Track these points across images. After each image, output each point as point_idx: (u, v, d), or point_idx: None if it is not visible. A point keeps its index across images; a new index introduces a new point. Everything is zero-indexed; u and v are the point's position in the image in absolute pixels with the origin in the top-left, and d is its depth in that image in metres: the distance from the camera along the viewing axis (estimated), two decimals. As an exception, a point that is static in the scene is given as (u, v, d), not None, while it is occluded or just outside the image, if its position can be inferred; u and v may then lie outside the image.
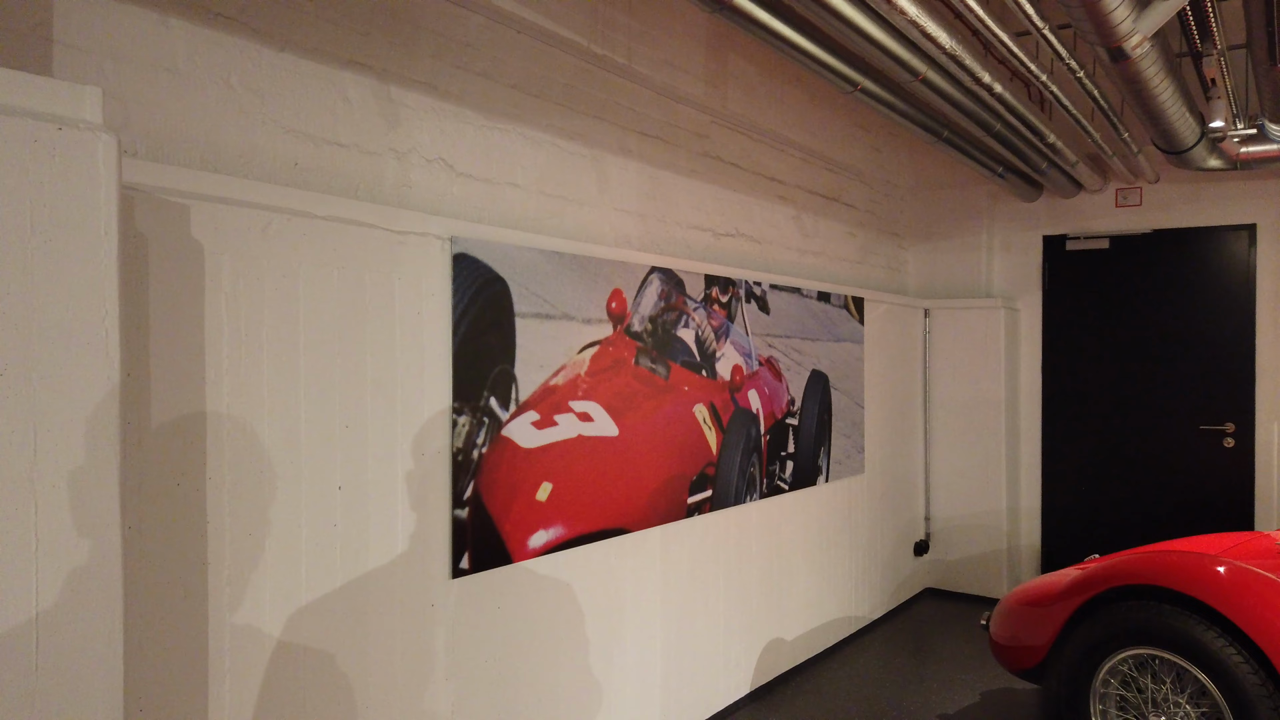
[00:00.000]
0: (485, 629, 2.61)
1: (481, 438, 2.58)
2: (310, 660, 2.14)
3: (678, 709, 3.44)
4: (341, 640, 2.21)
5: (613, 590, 3.11)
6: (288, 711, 2.09)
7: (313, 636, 2.15)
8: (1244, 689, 2.56)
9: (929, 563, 5.70)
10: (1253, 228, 5.06)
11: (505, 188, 2.90)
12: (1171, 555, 2.82)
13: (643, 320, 3.23)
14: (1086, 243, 5.53)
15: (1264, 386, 5.03)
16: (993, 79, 3.41)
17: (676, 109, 3.71)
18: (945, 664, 4.34)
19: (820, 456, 4.45)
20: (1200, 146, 4.15)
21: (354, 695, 2.25)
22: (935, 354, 5.67)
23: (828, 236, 4.97)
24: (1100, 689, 2.94)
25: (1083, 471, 5.56)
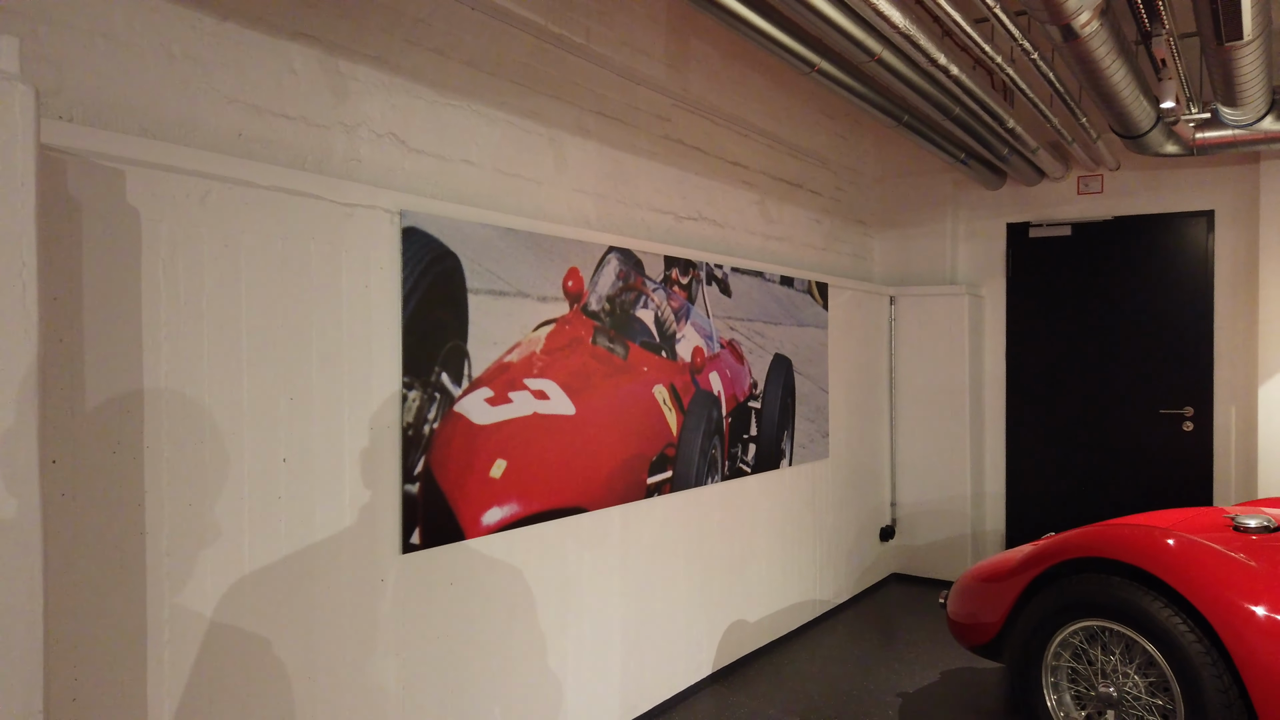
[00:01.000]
0: (436, 605, 2.60)
1: (433, 413, 2.57)
2: (254, 633, 2.13)
3: (638, 689, 3.44)
4: (287, 613, 2.20)
5: (570, 569, 3.10)
6: (229, 684, 2.08)
7: (256, 609, 2.13)
8: (1189, 657, 2.59)
9: (895, 548, 5.73)
10: (1211, 214, 5.12)
11: (459, 165, 2.89)
12: (1121, 529, 2.86)
13: (600, 300, 3.23)
14: (1049, 230, 5.58)
15: (1221, 371, 5.10)
16: (949, 61, 3.44)
17: (637, 91, 3.71)
18: (908, 646, 4.37)
19: (783, 440, 4.46)
20: (1156, 131, 4.20)
21: (299, 669, 2.23)
22: (901, 340, 5.70)
23: (792, 222, 4.99)
24: (1052, 662, 2.97)
25: (1046, 456, 5.61)
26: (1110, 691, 2.83)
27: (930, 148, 4.85)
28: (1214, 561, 2.63)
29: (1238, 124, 4.09)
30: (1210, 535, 2.90)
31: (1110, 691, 2.83)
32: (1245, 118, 3.95)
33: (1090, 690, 2.90)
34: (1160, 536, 2.76)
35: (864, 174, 5.89)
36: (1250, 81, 3.43)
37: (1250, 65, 3.24)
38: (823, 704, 3.63)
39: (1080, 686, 2.94)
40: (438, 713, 2.60)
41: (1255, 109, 3.84)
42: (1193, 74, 4.51)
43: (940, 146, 4.88)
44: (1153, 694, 2.75)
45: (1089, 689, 2.90)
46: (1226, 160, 5.03)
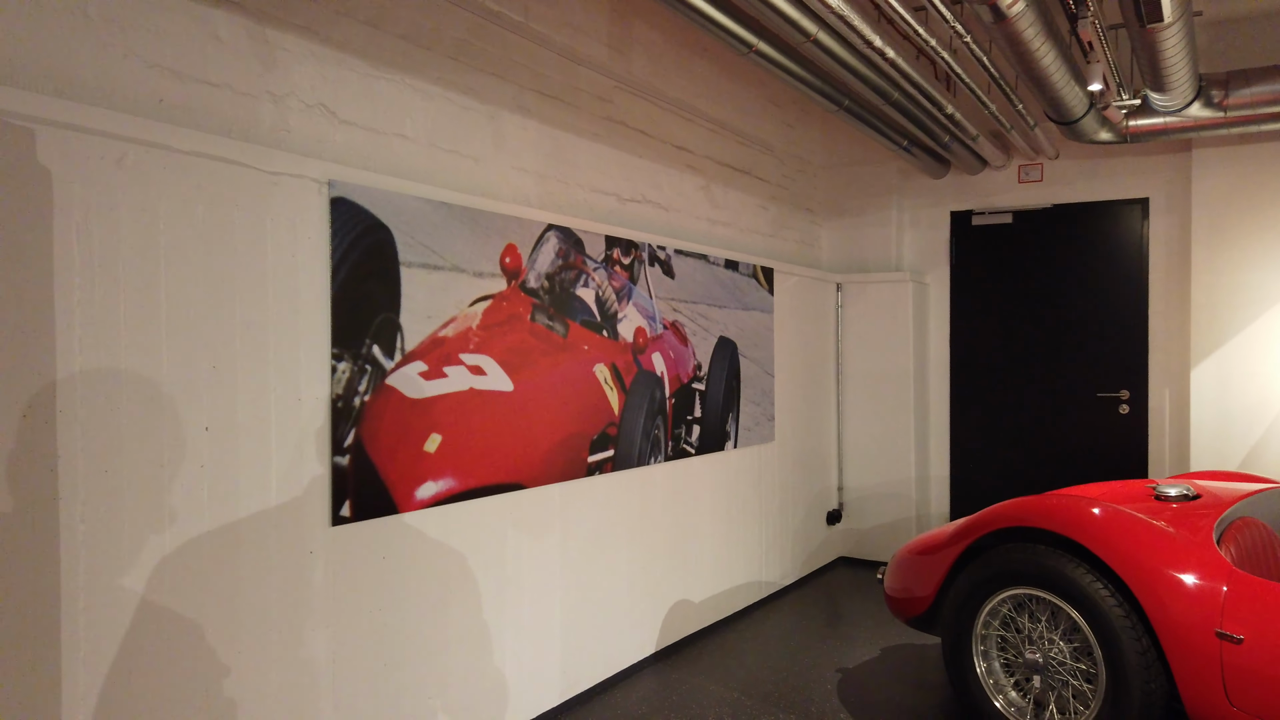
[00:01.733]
0: (369, 578, 2.58)
1: (364, 385, 2.55)
2: (175, 607, 2.10)
3: (579, 666, 3.45)
4: (211, 586, 2.17)
5: (509, 545, 3.10)
6: (149, 660, 2.05)
7: (178, 580, 2.10)
8: (1110, 622, 2.66)
9: (842, 531, 5.80)
10: (1146, 202, 5.25)
11: (393, 138, 2.87)
12: (1047, 499, 2.92)
13: (539, 277, 3.23)
14: (991, 218, 5.68)
15: (1156, 355, 5.23)
16: (884, 43, 3.48)
17: (578, 71, 3.71)
18: (851, 625, 4.43)
19: (728, 422, 4.50)
20: (1090, 118, 4.29)
21: (224, 644, 2.21)
22: (848, 327, 5.77)
23: (739, 208, 5.02)
24: (982, 631, 3.03)
25: (989, 439, 5.71)
26: (1036, 658, 2.89)
27: (873, 134, 4.91)
28: (1134, 528, 2.70)
29: (1167, 110, 4.19)
30: (1133, 505, 2.97)
31: (1036, 658, 2.89)
32: (1173, 103, 4.05)
33: (1018, 657, 2.96)
34: (1084, 505, 2.83)
35: (811, 162, 5.95)
36: (1175, 66, 3.52)
37: (1174, 49, 3.32)
38: (763, 679, 3.67)
39: (1009, 654, 3.01)
40: (370, 687, 2.59)
41: (1183, 95, 3.94)
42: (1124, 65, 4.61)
43: (883, 133, 4.94)
44: (1077, 659, 2.82)
45: (1017, 656, 2.96)
46: (1160, 149, 5.16)
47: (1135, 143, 4.72)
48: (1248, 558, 2.67)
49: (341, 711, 2.50)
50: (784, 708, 3.39)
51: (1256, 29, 4.71)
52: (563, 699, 3.37)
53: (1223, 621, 2.45)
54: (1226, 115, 4.20)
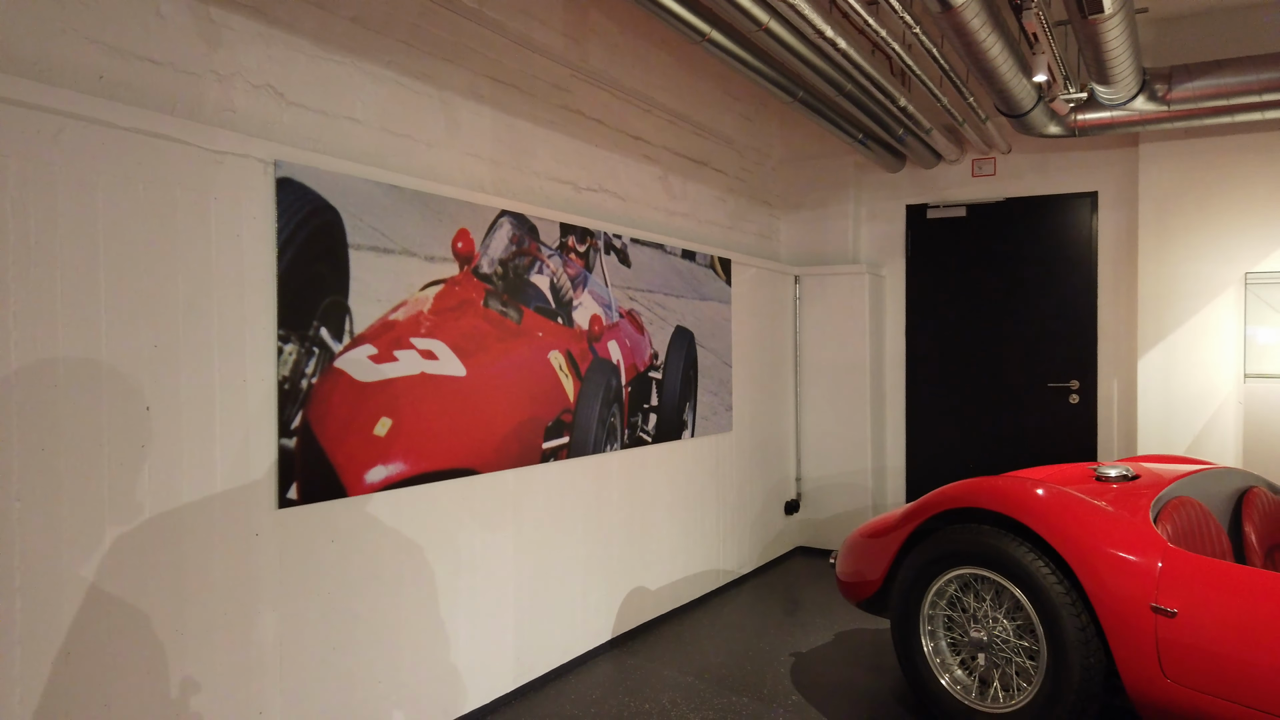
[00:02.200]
0: (318, 562, 2.57)
1: (311, 368, 2.54)
2: (116, 591, 2.08)
3: (533, 653, 3.45)
4: (154, 568, 2.15)
5: (462, 530, 3.10)
6: (90, 644, 2.03)
7: (120, 563, 2.08)
8: (1051, 598, 2.72)
9: (800, 522, 5.85)
10: (1095, 195, 5.36)
11: (343, 121, 2.86)
12: (992, 480, 2.98)
13: (492, 263, 3.23)
14: (945, 211, 5.76)
15: (1105, 346, 5.34)
16: (835, 33, 3.53)
17: (533, 59, 3.72)
18: (807, 612, 4.47)
19: (686, 411, 4.52)
20: (1039, 111, 4.37)
21: (168, 628, 2.19)
22: (806, 318, 5.82)
23: (697, 200, 5.05)
24: (929, 611, 3.08)
25: (943, 429, 5.80)
26: (981, 636, 2.95)
27: (829, 127, 4.96)
28: (1074, 508, 2.77)
29: (1112, 103, 4.29)
30: (1075, 486, 3.04)
31: (981, 636, 2.95)
32: (1118, 96, 4.14)
33: (964, 636, 3.01)
34: (1026, 486, 2.89)
35: (770, 156, 5.99)
36: (1118, 59, 3.60)
37: (1116, 41, 3.40)
38: (719, 664, 3.70)
39: (955, 634, 3.06)
40: (318, 671, 2.57)
41: (1127, 88, 4.03)
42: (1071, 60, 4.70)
43: (839, 126, 4.99)
44: (1020, 636, 2.87)
45: (963, 635, 3.02)
46: (1108, 143, 5.27)
47: (1084, 136, 4.81)
48: (1183, 535, 2.74)
49: (289, 694, 2.49)
50: (737, 690, 3.42)
51: (1200, 25, 4.83)
52: (517, 684, 3.38)
53: (1158, 596, 2.51)
54: (1170, 109, 4.30)
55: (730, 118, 5.40)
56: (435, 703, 2.99)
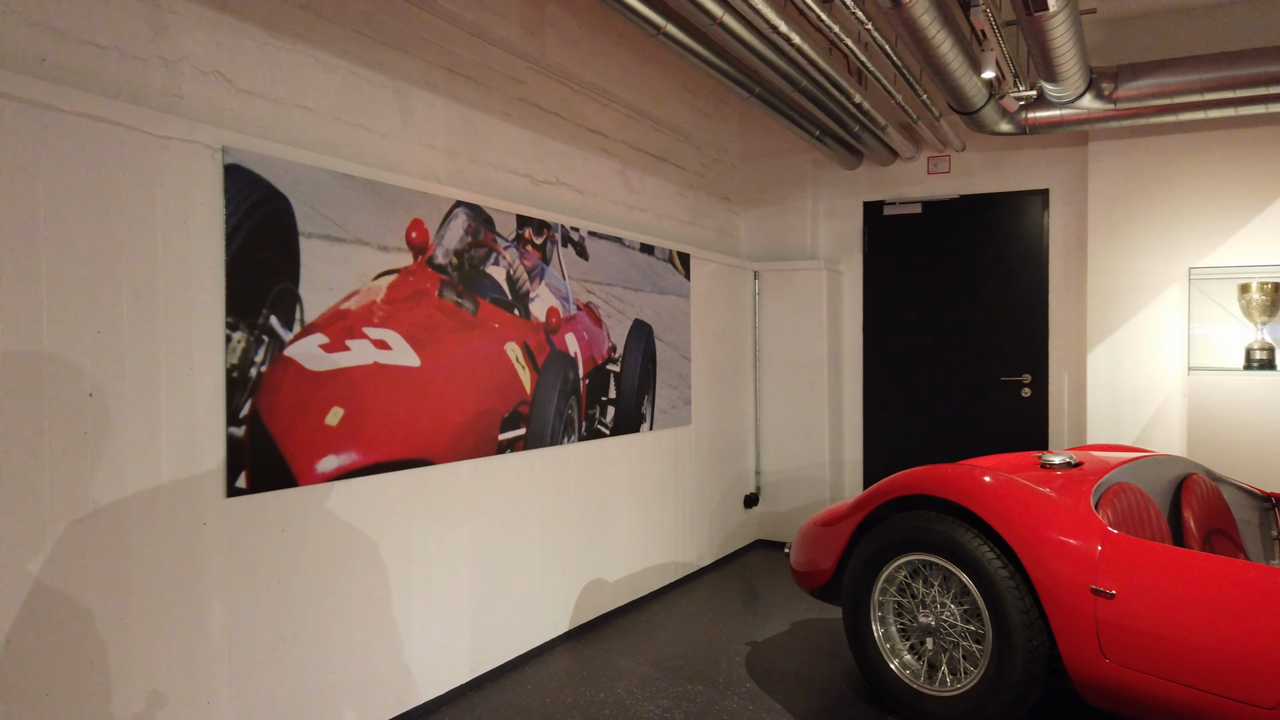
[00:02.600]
0: (268, 551, 2.56)
1: (261, 356, 2.52)
2: (55, 582, 2.05)
3: (489, 644, 3.46)
4: (98, 553, 2.13)
5: (415, 521, 3.10)
6: (30, 638, 2.00)
7: (61, 553, 2.06)
8: (996, 583, 2.77)
9: (759, 515, 5.90)
10: (1046, 193, 5.46)
11: (294, 109, 2.84)
12: (941, 468, 3.03)
13: (447, 253, 3.23)
14: (901, 208, 5.84)
15: (1055, 340, 5.45)
16: (790, 28, 3.57)
17: (490, 50, 3.72)
18: (764, 603, 4.52)
19: (644, 404, 4.55)
20: (990, 108, 4.45)
21: (112, 620, 2.16)
22: (765, 314, 5.87)
23: (656, 194, 5.08)
24: (879, 597, 3.13)
25: (900, 422, 5.88)
26: (930, 621, 3.00)
27: (787, 123, 5.01)
28: (1018, 494, 2.83)
29: (1061, 101, 4.37)
30: (1020, 473, 3.11)
31: (930, 621, 3.00)
32: (1066, 94, 4.23)
33: (913, 622, 3.07)
34: (972, 474, 2.95)
35: (729, 152, 6.04)
36: (1064, 56, 3.68)
37: (1061, 38, 3.47)
38: (674, 654, 3.73)
39: (905, 619, 3.11)
40: (268, 661, 2.56)
41: (1074, 86, 4.12)
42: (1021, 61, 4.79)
43: (796, 122, 5.04)
44: (967, 621, 2.93)
45: (912, 621, 3.07)
46: (1059, 141, 5.37)
47: (1035, 135, 4.91)
48: (1123, 520, 2.81)
49: (237, 684, 2.47)
50: (692, 679, 3.45)
51: (1148, 27, 4.94)
52: (474, 675, 3.38)
53: (1097, 579, 2.58)
54: (1117, 108, 4.40)
55: (689, 113, 5.43)
56: (389, 693, 2.98)
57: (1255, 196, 4.76)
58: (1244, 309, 4.59)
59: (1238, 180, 4.80)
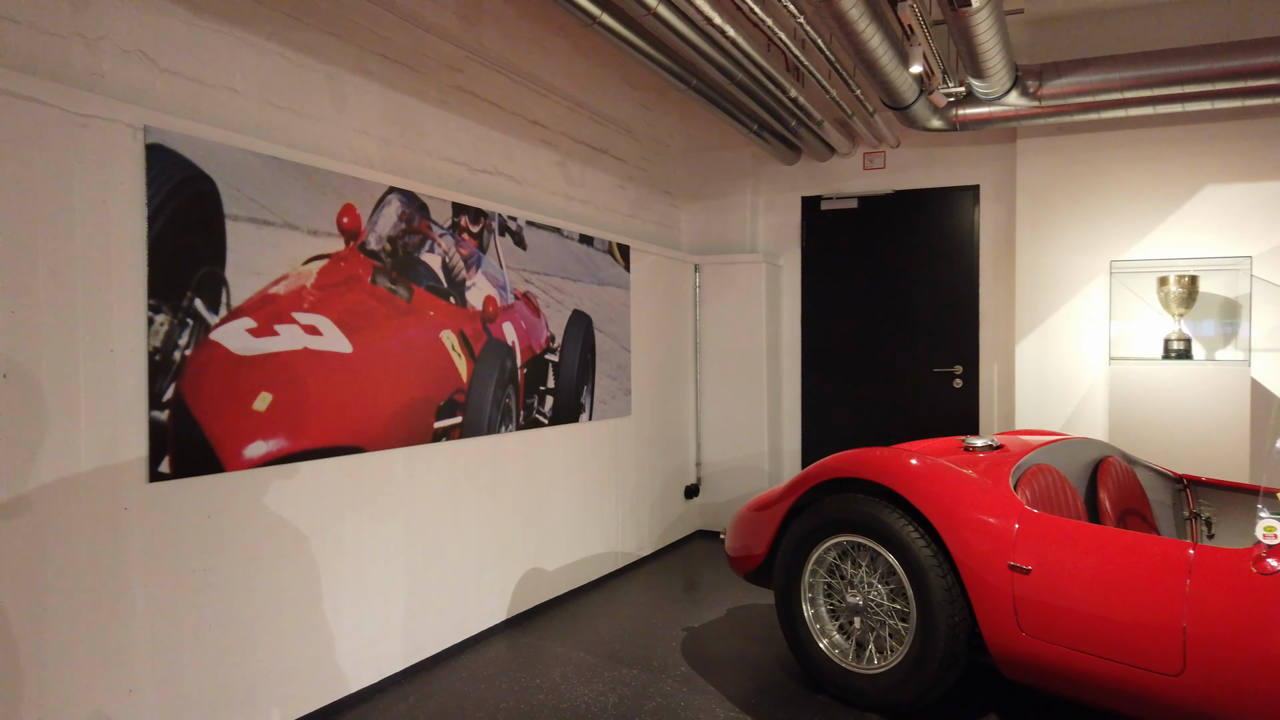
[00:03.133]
0: (193, 537, 2.52)
1: (185, 339, 2.49)
2: (-32, 557, 2.01)
3: (424, 632, 3.45)
4: (11, 539, 2.08)
5: (348, 508, 3.07)
6: (-61, 610, 1.95)
7: (-28, 532, 2.01)
8: (919, 561, 2.85)
9: (700, 505, 5.96)
10: (977, 188, 5.60)
11: (221, 91, 2.80)
12: (868, 451, 3.10)
13: (380, 240, 3.21)
14: (838, 203, 5.95)
15: (985, 333, 5.60)
16: (724, 21, 3.61)
17: (425, 38, 3.70)
18: (703, 591, 4.57)
19: (583, 394, 4.56)
20: (921, 104, 4.56)
21: (32, 605, 2.12)
22: (705, 306, 5.93)
23: (596, 186, 5.09)
24: (810, 579, 3.20)
25: (837, 413, 5.99)
26: (857, 601, 3.07)
27: (725, 117, 5.06)
28: (941, 475, 2.91)
29: (988, 97, 4.50)
30: (944, 456, 3.19)
31: (857, 601, 3.07)
32: (993, 91, 4.35)
33: (842, 602, 3.13)
34: (898, 456, 3.02)
35: (670, 146, 6.08)
36: (990, 52, 3.78)
37: (986, 34, 3.57)
38: (611, 640, 3.75)
39: (834, 600, 3.18)
40: (193, 648, 2.52)
41: (1000, 83, 4.24)
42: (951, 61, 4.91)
43: (734, 116, 5.10)
44: (893, 600, 3.01)
45: (841, 601, 3.14)
46: (988, 138, 5.52)
47: (965, 131, 5.03)
48: (1041, 499, 2.91)
49: (161, 672, 2.43)
50: (627, 664, 3.48)
51: (1074, 26, 5.10)
52: (408, 664, 3.37)
53: (1014, 555, 2.66)
54: (1042, 105, 4.54)
55: (630, 106, 5.46)
56: (320, 681, 2.96)
57: (1174, 192, 4.95)
58: (1163, 301, 4.77)
59: (1158, 177, 4.98)
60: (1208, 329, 4.87)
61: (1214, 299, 4.85)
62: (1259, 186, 4.78)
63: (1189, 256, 4.88)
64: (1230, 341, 4.82)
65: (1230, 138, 4.83)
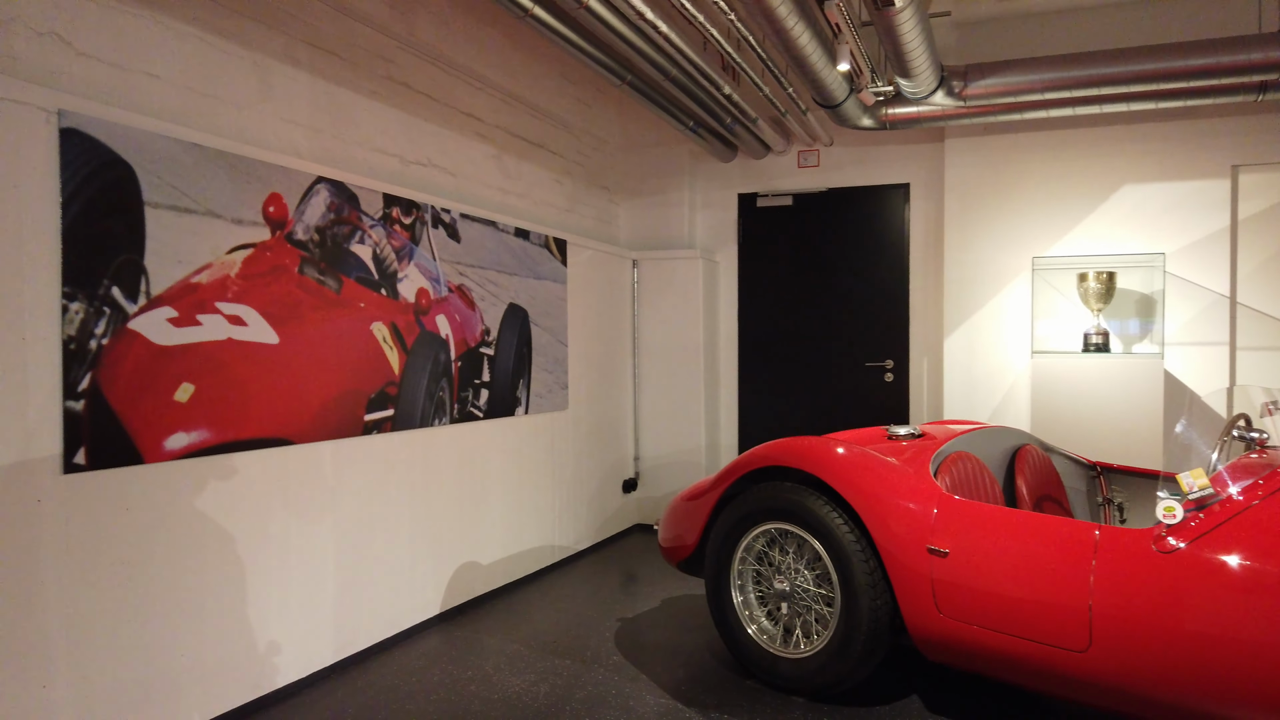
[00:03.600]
0: (111, 531, 2.47)
1: (102, 328, 2.44)
2: None
3: (355, 626, 3.42)
4: (-87, 531, 2.02)
5: (275, 501, 3.04)
6: None
7: None
8: (843, 547, 2.92)
9: (638, 499, 6.00)
10: (907, 186, 5.73)
11: (141, 76, 2.75)
12: (795, 440, 3.17)
13: (308, 230, 3.18)
14: (774, 200, 6.03)
15: (915, 328, 5.73)
16: (656, 16, 3.65)
17: (355, 27, 3.67)
18: (638, 584, 4.60)
19: (519, 388, 4.56)
20: (851, 103, 4.65)
21: (-67, 593, 2.06)
22: (644, 302, 5.97)
23: (533, 181, 5.09)
24: (739, 566, 3.25)
25: (772, 407, 6.07)
26: (785, 587, 3.13)
27: (662, 114, 5.10)
28: (863, 462, 2.98)
29: (915, 97, 4.61)
30: (869, 445, 3.27)
31: (785, 587, 3.13)
32: (919, 90, 4.46)
33: (770, 589, 3.19)
34: (823, 445, 3.09)
35: (608, 142, 6.10)
36: (915, 52, 3.88)
37: (911, 34, 3.67)
38: (545, 632, 3.77)
39: (763, 587, 3.24)
40: (110, 645, 2.47)
41: (926, 83, 4.35)
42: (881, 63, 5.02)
43: (670, 113, 5.15)
44: (819, 585, 3.07)
45: (769, 588, 3.20)
46: (918, 138, 5.65)
47: (895, 130, 5.15)
48: (960, 485, 3.00)
49: (78, 668, 2.38)
50: (561, 654, 3.49)
51: (1000, 29, 5.25)
52: (337, 658, 3.34)
53: (932, 539, 2.74)
54: (967, 105, 4.66)
55: (567, 101, 5.47)
56: (245, 676, 2.92)
57: (1094, 192, 5.12)
58: (1082, 296, 4.93)
59: (1079, 176, 5.15)
60: (1125, 323, 5.05)
61: (1131, 294, 5.03)
62: (1172, 186, 4.98)
63: (1107, 253, 5.06)
64: (1146, 335, 5.01)
65: (1146, 139, 5.02)
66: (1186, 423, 2.80)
